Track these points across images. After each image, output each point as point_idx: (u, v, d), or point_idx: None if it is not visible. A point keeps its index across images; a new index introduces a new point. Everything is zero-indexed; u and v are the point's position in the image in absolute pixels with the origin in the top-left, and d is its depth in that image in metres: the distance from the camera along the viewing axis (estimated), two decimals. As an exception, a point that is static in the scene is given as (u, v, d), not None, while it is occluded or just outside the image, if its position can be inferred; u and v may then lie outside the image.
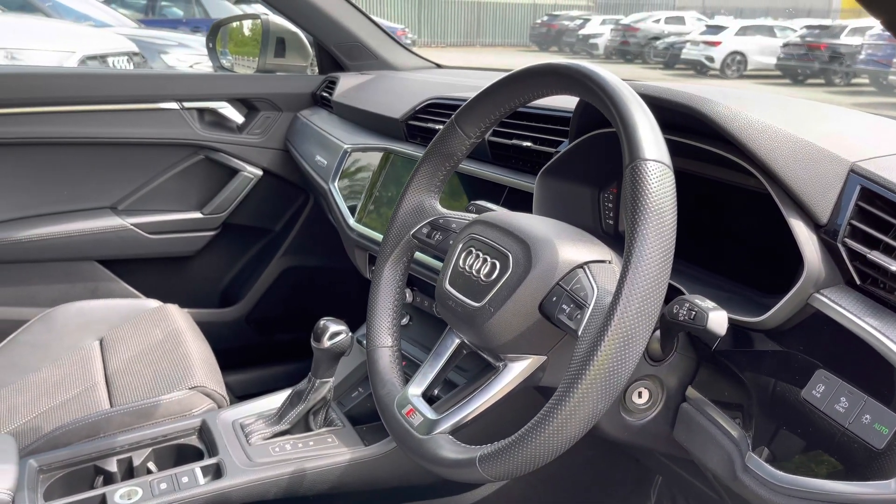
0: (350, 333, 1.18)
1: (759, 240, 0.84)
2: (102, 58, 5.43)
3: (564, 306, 0.69)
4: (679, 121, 0.80)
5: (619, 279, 0.61)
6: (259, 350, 2.02)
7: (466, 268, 0.79)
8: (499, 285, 0.74)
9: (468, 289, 0.78)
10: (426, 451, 0.75)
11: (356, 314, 1.21)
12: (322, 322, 1.16)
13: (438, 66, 1.92)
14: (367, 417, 1.30)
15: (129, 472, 1.16)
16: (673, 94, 0.79)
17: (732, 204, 0.87)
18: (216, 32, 2.03)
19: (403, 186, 0.96)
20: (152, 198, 1.81)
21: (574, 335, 0.66)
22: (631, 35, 18.67)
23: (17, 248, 1.68)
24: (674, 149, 0.67)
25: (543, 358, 0.75)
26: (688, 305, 0.67)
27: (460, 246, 0.82)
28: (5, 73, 1.70)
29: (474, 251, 0.79)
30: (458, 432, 0.76)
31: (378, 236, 1.29)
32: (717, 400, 0.78)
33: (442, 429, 0.76)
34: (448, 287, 0.81)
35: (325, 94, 1.80)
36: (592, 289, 0.68)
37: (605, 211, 1.04)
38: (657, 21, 19.25)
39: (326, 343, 1.15)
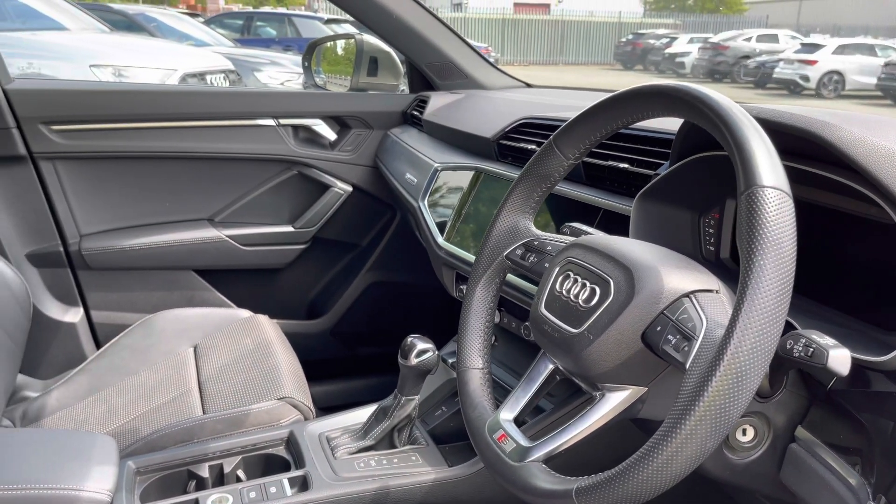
0: (437, 352, 1.18)
1: (881, 273, 0.79)
2: (202, 75, 5.70)
3: (670, 337, 0.66)
4: (795, 145, 0.76)
5: (734, 311, 0.58)
6: (342, 363, 2.05)
7: (564, 292, 0.77)
8: (599, 312, 0.72)
9: (565, 314, 0.76)
10: (519, 478, 0.73)
11: (440, 332, 1.21)
12: (409, 339, 1.17)
13: (528, 85, 1.91)
14: (451, 437, 1.29)
15: (220, 478, 1.18)
16: (790, 118, 0.75)
17: (851, 234, 0.82)
18: (312, 52, 2.09)
19: (497, 206, 0.95)
20: (247, 211, 1.87)
21: (681, 368, 0.64)
22: (720, 53, 18.18)
23: (121, 256, 1.76)
24: (789, 175, 0.64)
25: (644, 389, 0.72)
26: (804, 341, 0.63)
27: (557, 269, 0.80)
28: (114, 90, 1.80)
29: (572, 275, 0.78)
30: (551, 461, 0.74)
31: (466, 255, 1.29)
32: (832, 443, 0.73)
33: (535, 457, 0.74)
34: (544, 311, 0.79)
35: (415, 112, 1.82)
36: (701, 320, 0.65)
37: (706, 237, 1.00)
38: (748, 39, 18.69)
39: (413, 360, 1.15)
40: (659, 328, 0.68)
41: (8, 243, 1.65)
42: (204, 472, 1.17)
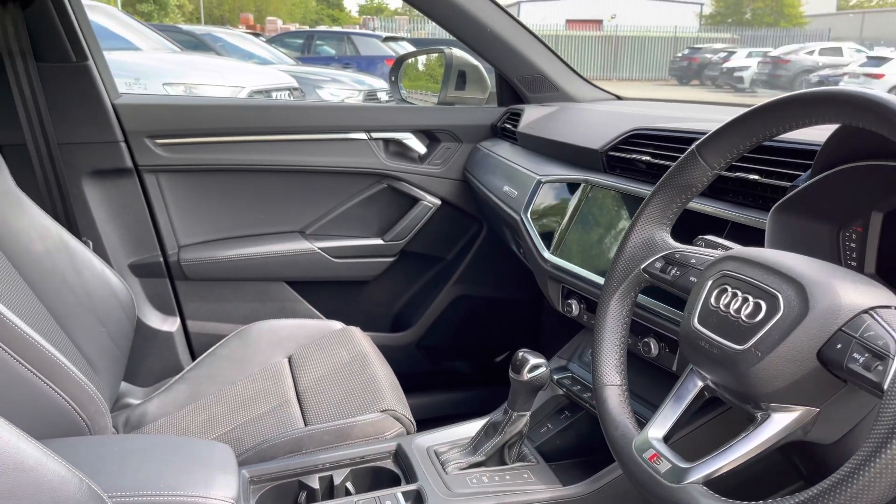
0: (549, 367, 1.16)
1: None
2: (268, 92, 5.82)
3: (856, 355, 0.63)
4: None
5: None
6: (427, 376, 2.03)
7: (721, 307, 0.74)
8: (767, 328, 0.69)
9: (725, 329, 0.73)
10: (679, 501, 0.70)
11: (527, 346, 1.19)
12: (521, 354, 1.15)
13: (619, 97, 1.89)
14: (558, 455, 1.27)
15: (329, 489, 1.18)
16: None
17: None
18: (399, 66, 2.10)
19: (606, 218, 0.93)
20: (338, 223, 1.88)
21: (875, 389, 0.60)
22: (781, 67, 17.77)
23: (217, 267, 1.79)
24: None
25: (815, 410, 0.69)
26: None
27: (710, 283, 0.77)
28: (214, 105, 1.84)
29: (730, 289, 0.74)
30: (711, 485, 0.70)
31: (575, 268, 1.26)
32: None
33: (694, 479, 0.71)
34: (698, 326, 0.76)
35: (507, 125, 1.81)
36: (893, 337, 0.62)
37: (846, 251, 0.95)
38: (811, 52, 18.23)
39: (526, 376, 1.13)
40: (839, 346, 0.64)
41: (113, 253, 1.70)
42: (314, 483, 1.17)
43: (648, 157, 1.22)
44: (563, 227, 1.33)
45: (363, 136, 1.84)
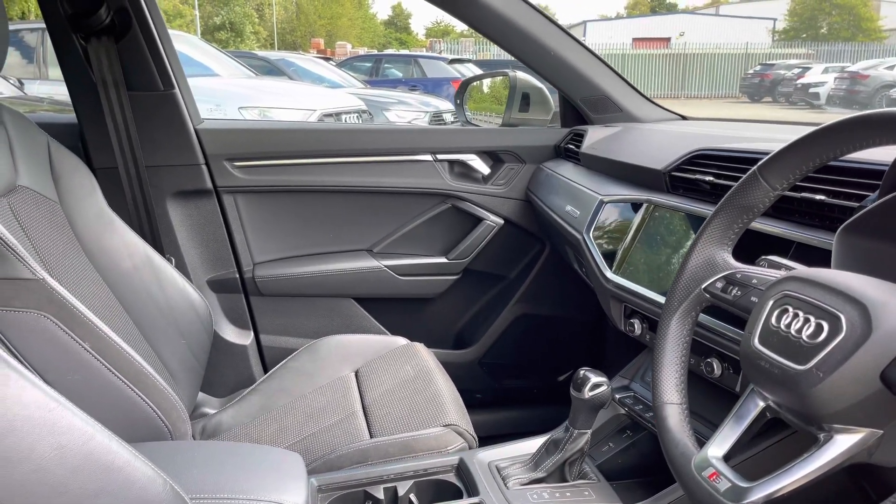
0: (610, 385, 1.17)
1: None
2: (337, 114, 6.00)
3: None
4: None
5: None
6: (489, 394, 2.06)
7: (782, 327, 0.75)
8: (829, 348, 0.69)
9: (785, 349, 0.73)
10: (739, 520, 0.70)
11: (590, 365, 1.20)
12: (582, 372, 1.16)
13: (683, 117, 1.88)
14: (619, 474, 1.27)
15: (394, 500, 1.21)
16: None
17: None
18: (464, 89, 2.16)
19: (669, 238, 0.94)
20: (403, 242, 1.94)
21: None
22: (859, 83, 17.11)
23: (288, 284, 1.87)
24: None
25: (880, 432, 0.68)
26: None
27: (771, 303, 0.78)
28: (288, 129, 1.93)
29: (791, 309, 0.75)
30: None
31: (637, 288, 1.27)
32: None
33: (754, 498, 0.71)
34: (758, 346, 0.77)
35: (570, 146, 1.83)
36: None
37: (917, 273, 0.94)
38: (891, 67, 17.50)
39: (587, 394, 1.14)
40: None
41: (193, 269, 1.79)
42: (379, 493, 1.21)
43: (712, 178, 1.22)
44: (626, 247, 1.34)
45: (428, 157, 1.89)
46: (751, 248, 1.06)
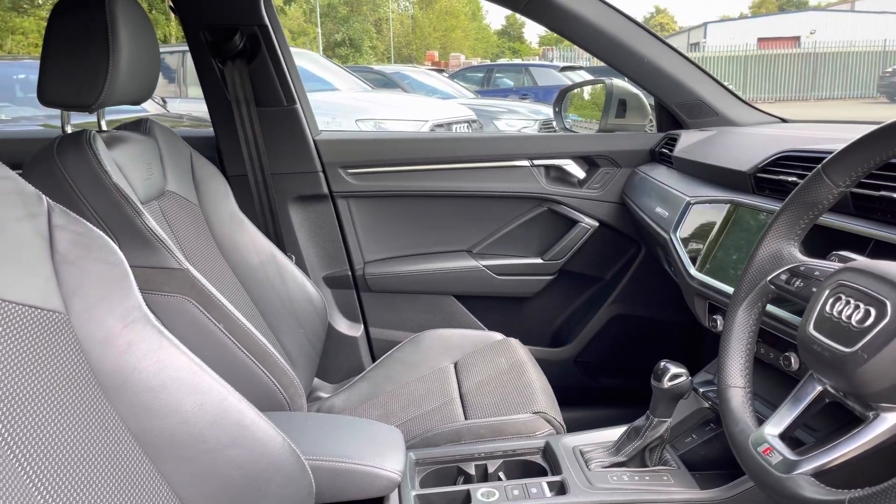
0: (690, 377, 1.22)
1: None
2: (448, 125, 6.20)
3: None
4: None
5: None
6: (585, 391, 2.12)
7: (834, 313, 0.80)
8: (874, 332, 0.74)
9: (836, 334, 0.78)
10: (785, 488, 0.76)
11: (684, 365, 1.25)
12: (662, 363, 1.22)
13: (784, 120, 1.88)
14: (701, 464, 1.31)
15: (484, 477, 1.32)
16: None
17: None
18: (563, 97, 2.24)
19: (756, 235, 0.99)
20: (501, 243, 2.05)
21: None
22: None
23: (395, 281, 2.03)
24: None
25: (924, 410, 0.72)
26: None
27: (827, 292, 0.83)
28: (396, 139, 2.09)
29: (844, 297, 0.80)
30: (820, 476, 0.76)
31: (720, 285, 1.31)
32: None
33: (803, 470, 0.77)
34: (812, 331, 0.82)
35: (664, 150, 1.87)
36: None
37: None
38: None
39: (666, 383, 1.21)
40: None
41: (311, 267, 1.99)
42: (471, 469, 1.32)
43: (795, 178, 1.25)
44: (709, 246, 1.38)
45: (526, 163, 1.99)
46: (830, 244, 1.10)
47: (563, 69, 11.46)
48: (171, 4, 1.82)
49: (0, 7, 18.95)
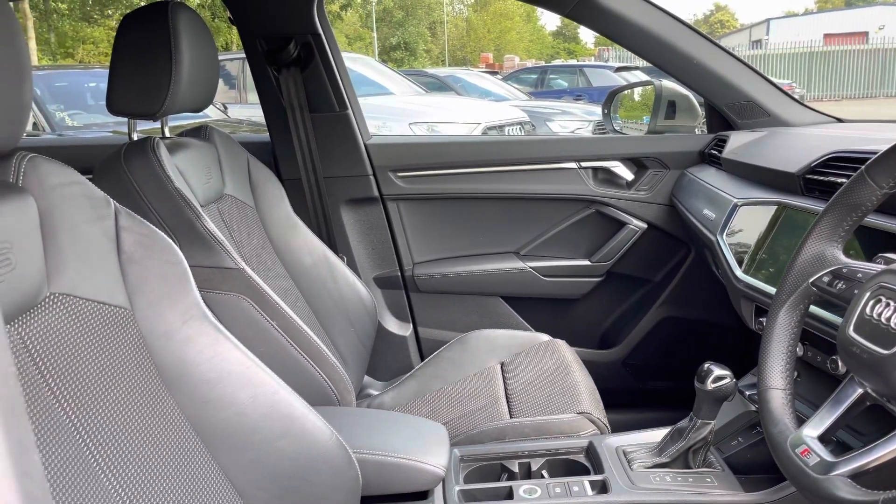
0: (734, 379, 1.22)
1: None
2: (500, 127, 6.22)
3: None
4: None
5: None
6: (633, 393, 2.12)
7: (874, 316, 0.80)
8: None
9: (875, 336, 0.78)
10: (821, 489, 0.76)
11: (734, 368, 1.24)
12: (706, 365, 1.23)
13: (839, 120, 1.84)
14: (747, 468, 1.31)
15: (527, 474, 1.35)
16: None
17: None
18: (611, 100, 2.24)
19: (801, 237, 0.98)
20: (548, 245, 2.06)
21: None
22: None
23: (443, 282, 2.06)
24: None
25: (963, 414, 0.72)
26: None
27: (868, 294, 0.82)
28: (444, 142, 2.13)
29: (884, 300, 0.79)
30: (858, 478, 0.76)
31: (767, 287, 1.30)
32: None
33: (840, 471, 0.77)
34: (852, 333, 0.82)
35: (713, 151, 1.86)
36: None
37: None
38: None
39: (710, 385, 1.21)
40: None
41: (362, 267, 2.04)
42: (514, 467, 1.35)
43: (845, 180, 1.24)
44: (756, 248, 1.37)
45: (573, 165, 2.00)
46: (877, 246, 1.09)
47: (618, 70, 11.32)
48: (230, 15, 1.90)
49: (72, 17, 19.83)
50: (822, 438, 0.84)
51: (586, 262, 2.06)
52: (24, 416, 0.36)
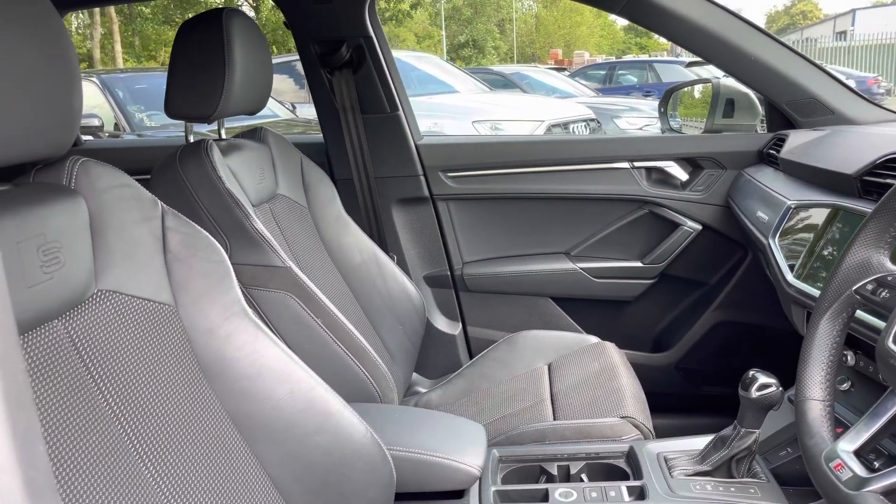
0: (780, 388, 1.18)
1: None
2: (565, 124, 6.15)
3: None
4: None
5: None
6: (685, 398, 2.07)
7: (914, 327, 0.76)
8: None
9: None
10: (853, 505, 0.74)
11: (790, 374, 1.20)
12: (751, 372, 1.19)
13: (911, 118, 1.75)
14: (795, 480, 1.27)
15: (566, 477, 1.34)
16: None
17: None
18: (668, 98, 2.20)
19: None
20: (599, 246, 2.04)
21: None
22: None
23: (493, 282, 2.07)
24: None
25: None
26: None
27: (909, 304, 0.79)
28: (494, 142, 2.14)
29: (926, 310, 0.76)
30: (890, 495, 0.73)
31: (817, 293, 1.26)
32: None
33: (873, 488, 0.74)
34: (891, 345, 0.78)
35: (771, 151, 1.80)
36: None
37: None
38: None
39: (754, 393, 1.17)
40: None
41: (412, 266, 2.07)
42: (553, 469, 1.34)
43: (901, 182, 1.18)
44: (808, 252, 1.32)
45: (626, 165, 1.97)
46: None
47: (689, 65, 11.02)
48: (286, 20, 1.95)
49: (154, 21, 20.71)
50: (859, 453, 0.81)
51: (638, 264, 2.02)
52: (33, 408, 0.39)
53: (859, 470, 0.77)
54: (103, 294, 0.88)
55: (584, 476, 1.33)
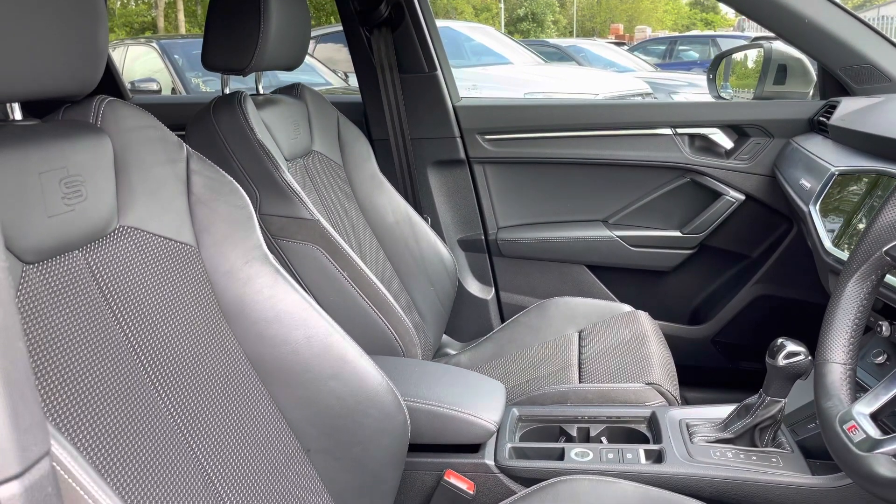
0: (809, 357, 1.14)
1: None
2: (620, 98, 6.02)
3: None
4: None
5: None
6: (721, 372, 2.03)
7: (940, 286, 0.72)
8: None
9: None
10: (861, 467, 0.71)
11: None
12: (780, 340, 1.16)
13: (975, 86, 1.65)
14: (823, 453, 1.23)
15: (585, 439, 1.33)
16: None
17: None
18: (717, 64, 2.12)
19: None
20: (638, 214, 2.00)
21: None
22: None
23: (527, 247, 2.05)
24: None
25: None
26: None
27: (939, 264, 0.75)
28: (532, 105, 2.10)
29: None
30: (905, 458, 0.70)
31: (857, 263, 1.21)
32: None
33: (885, 449, 0.71)
34: (916, 305, 0.75)
35: (822, 118, 1.72)
36: None
37: None
38: None
39: (781, 362, 1.14)
40: None
41: (446, 229, 2.07)
42: (573, 431, 1.33)
43: (956, 147, 1.12)
44: (849, 219, 1.27)
45: (668, 131, 1.92)
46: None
47: (755, 40, 10.61)
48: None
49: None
50: (876, 416, 0.78)
51: (677, 234, 1.97)
52: (11, 306, 0.40)
53: (873, 432, 0.74)
54: (125, 230, 0.91)
55: (603, 439, 1.32)
